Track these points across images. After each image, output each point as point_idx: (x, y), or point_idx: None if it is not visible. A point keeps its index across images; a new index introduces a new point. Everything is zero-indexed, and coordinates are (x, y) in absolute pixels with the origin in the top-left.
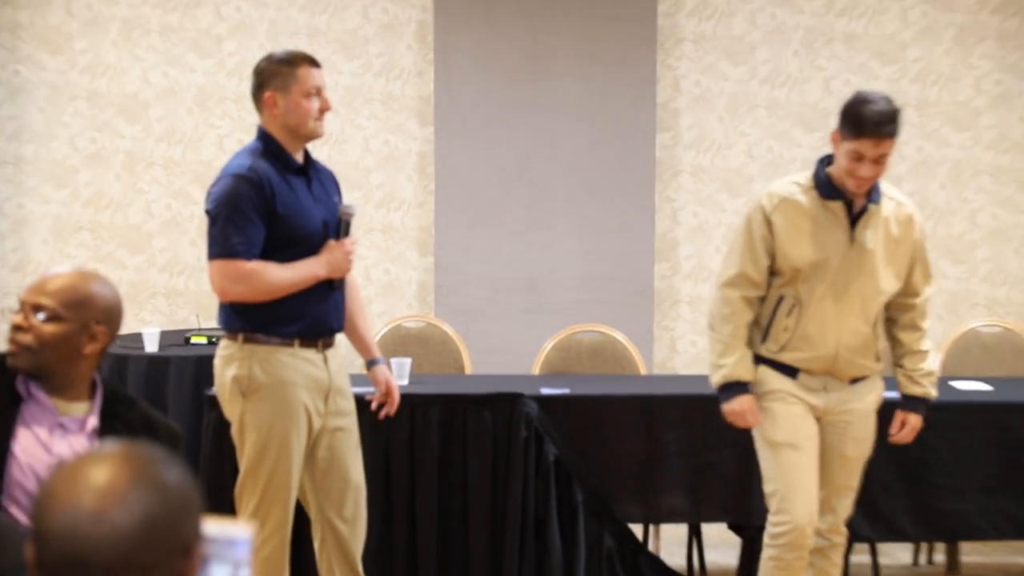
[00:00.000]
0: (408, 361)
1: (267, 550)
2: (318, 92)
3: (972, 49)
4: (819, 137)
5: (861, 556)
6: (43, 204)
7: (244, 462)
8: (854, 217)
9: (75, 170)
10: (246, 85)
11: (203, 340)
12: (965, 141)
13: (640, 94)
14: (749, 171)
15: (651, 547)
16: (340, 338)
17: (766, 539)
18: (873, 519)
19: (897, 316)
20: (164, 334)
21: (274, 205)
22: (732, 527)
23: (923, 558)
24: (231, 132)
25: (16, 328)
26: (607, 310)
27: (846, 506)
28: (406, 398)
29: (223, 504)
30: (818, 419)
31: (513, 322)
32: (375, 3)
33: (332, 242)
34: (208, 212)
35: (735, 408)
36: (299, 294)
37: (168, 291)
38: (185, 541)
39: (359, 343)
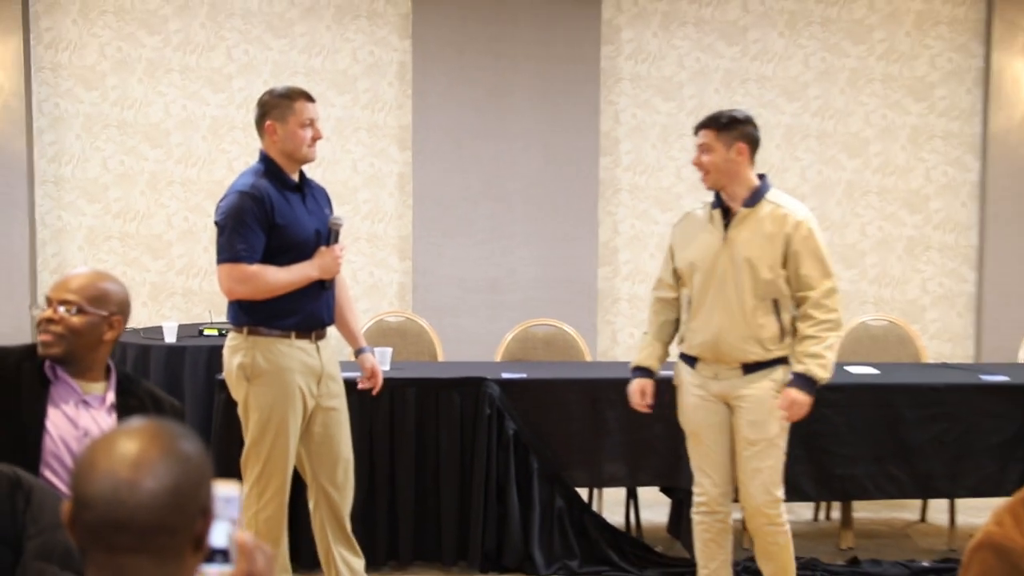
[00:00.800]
0: (389, 350)
1: (268, 511)
2: (311, 123)
3: (862, 89)
4: None
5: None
6: (79, 216)
7: (248, 437)
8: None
9: (106, 187)
10: (253, 116)
11: (215, 332)
12: (857, 166)
13: (586, 124)
14: (678, 190)
15: (595, 508)
16: (331, 330)
17: (692, 508)
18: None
19: (799, 308)
20: (181, 327)
21: (273, 217)
22: (663, 490)
23: (822, 515)
24: (239, 156)
25: (48, 321)
26: (558, 307)
27: (756, 487)
28: (387, 382)
29: (232, 472)
30: (727, 403)
31: (479, 317)
32: (363, 47)
33: (323, 248)
34: (217, 223)
35: (630, 389)
36: (295, 293)
37: (185, 291)
38: (204, 504)
39: (348, 334)
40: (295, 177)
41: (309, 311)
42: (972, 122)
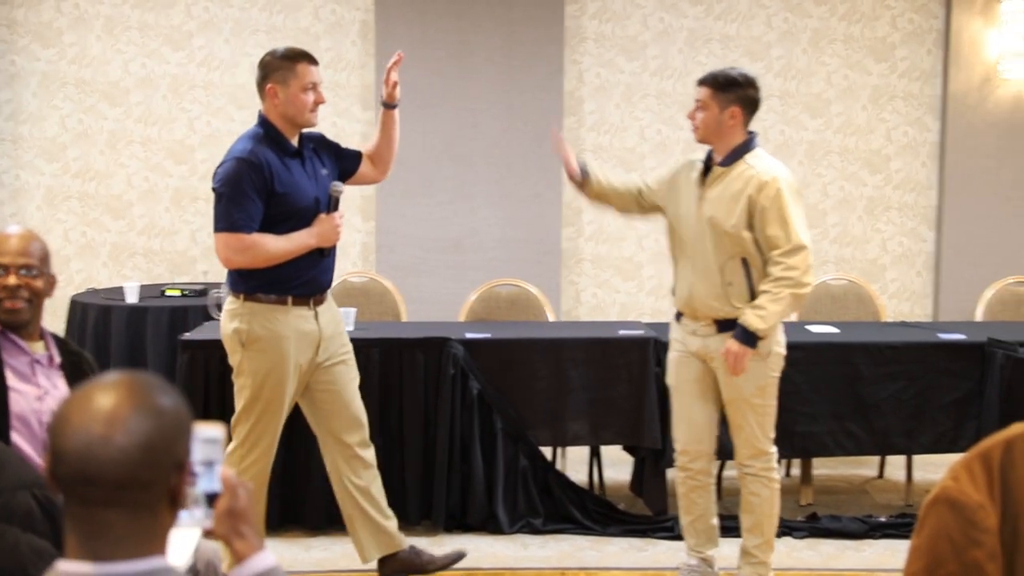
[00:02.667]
0: (353, 311)
1: (250, 474)
2: (314, 87)
3: (824, 49)
4: None
5: (731, 471)
6: (37, 176)
7: (239, 400)
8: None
9: (65, 147)
10: (214, 75)
11: (177, 293)
12: (819, 126)
13: (549, 84)
14: (641, 150)
15: (559, 466)
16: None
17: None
18: None
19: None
20: (143, 288)
21: (272, 185)
22: (626, 449)
23: (782, 472)
24: (200, 115)
25: (15, 287)
26: (522, 267)
27: (740, 442)
28: (352, 342)
29: None
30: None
31: (442, 277)
32: (324, 5)
33: (322, 216)
34: (214, 190)
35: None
36: (293, 260)
37: (146, 251)
38: (179, 458)
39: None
40: (295, 141)
41: (308, 278)
42: (932, 83)
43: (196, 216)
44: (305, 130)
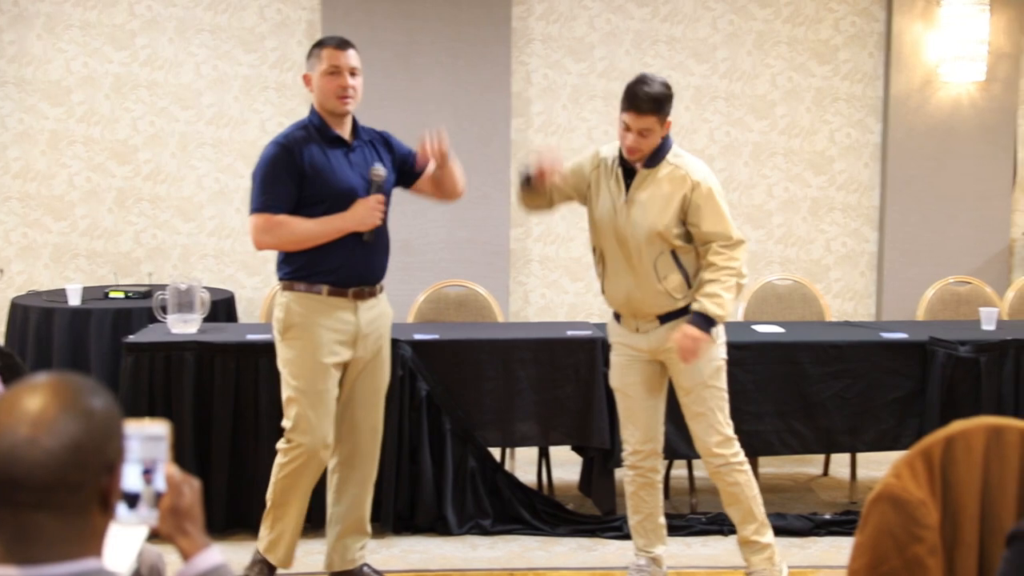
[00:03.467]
0: None
1: (285, 471)
2: (337, 71)
3: (768, 51)
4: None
5: (680, 471)
6: None
7: (283, 392)
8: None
9: (5, 147)
10: (158, 74)
11: (120, 295)
12: (764, 127)
13: (497, 85)
14: (588, 151)
15: (508, 467)
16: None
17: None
18: (688, 439)
19: (703, 258)
20: (86, 290)
21: (303, 167)
22: (575, 449)
23: None
24: (144, 115)
25: None
26: (470, 268)
27: (702, 429)
28: None
29: None
30: (658, 360)
31: (391, 278)
32: (270, 4)
33: (360, 199)
34: (252, 175)
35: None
36: (327, 247)
37: (89, 252)
38: (109, 460)
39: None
40: (341, 130)
41: (343, 268)
42: (874, 85)
43: (140, 217)
44: (375, 134)
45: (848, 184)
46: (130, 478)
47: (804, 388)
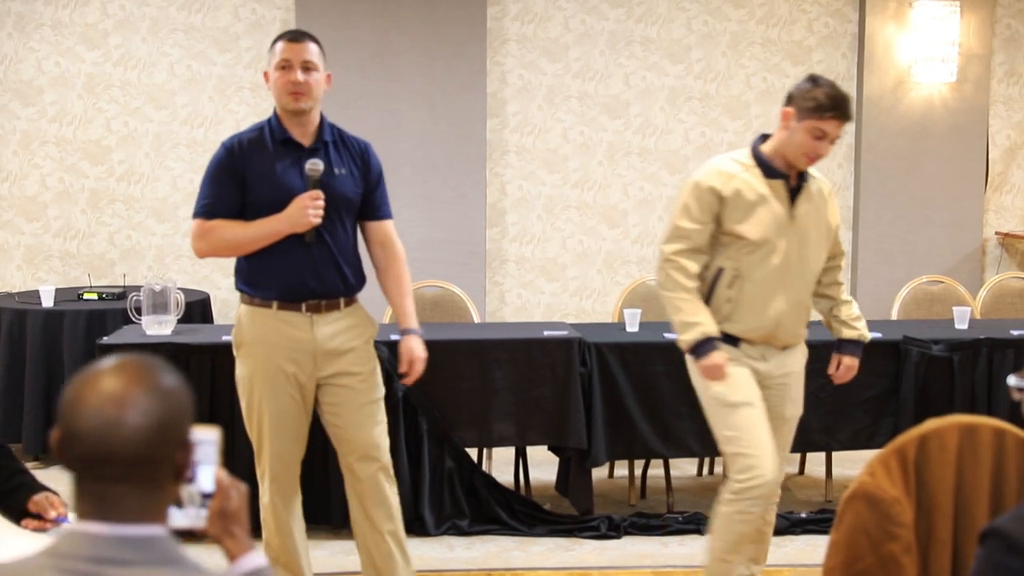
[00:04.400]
0: None
1: (266, 497)
2: (288, 65)
3: (743, 52)
4: (621, 123)
5: (657, 470)
6: None
7: (244, 414)
8: (792, 194)
9: None
10: (131, 73)
11: (94, 296)
12: (738, 127)
13: (473, 86)
14: (564, 151)
15: (485, 467)
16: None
17: (730, 495)
18: (666, 440)
19: (823, 277)
20: (59, 291)
21: (244, 171)
22: (552, 449)
23: (706, 470)
24: (117, 115)
25: None
26: (446, 268)
27: (780, 464)
28: None
29: None
30: (760, 384)
31: (367, 279)
32: (244, 3)
33: (296, 198)
34: None
35: (714, 362)
36: (270, 256)
37: (62, 254)
38: (184, 436)
39: (395, 309)
40: (299, 130)
41: (289, 277)
42: (847, 86)
43: (114, 218)
44: (352, 142)
45: None
46: (204, 479)
47: None
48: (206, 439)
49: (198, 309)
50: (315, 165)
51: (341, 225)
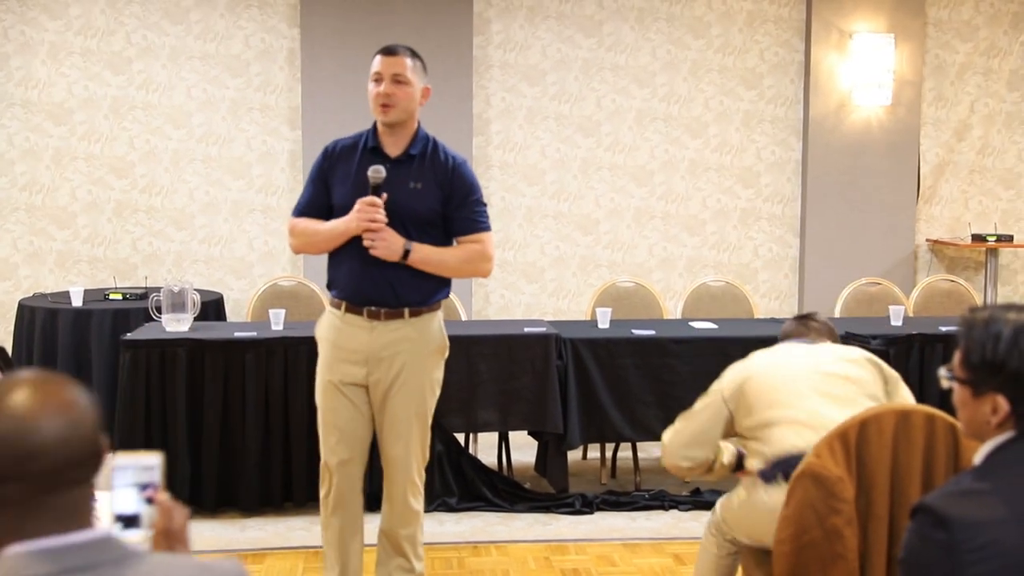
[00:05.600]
0: (283, 311)
1: (324, 489)
2: (378, 79)
3: (702, 78)
4: (593, 141)
5: (625, 453)
6: None
7: None
8: None
9: (12, 162)
10: (152, 96)
11: (119, 296)
12: (698, 145)
13: (460, 107)
14: (542, 166)
15: (471, 450)
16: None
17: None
18: (634, 425)
19: None
20: (87, 292)
21: (330, 175)
22: (531, 433)
23: None
24: (140, 133)
25: None
26: None
27: None
28: (282, 340)
29: (135, 433)
30: None
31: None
32: (254, 33)
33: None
34: None
35: None
36: (340, 259)
37: (90, 258)
38: (101, 444)
39: None
40: (390, 140)
41: (351, 285)
42: (795, 108)
43: (137, 226)
44: (442, 157)
45: (773, 196)
46: (124, 501)
47: None
48: (148, 464)
49: (212, 308)
50: (377, 172)
51: (406, 238)
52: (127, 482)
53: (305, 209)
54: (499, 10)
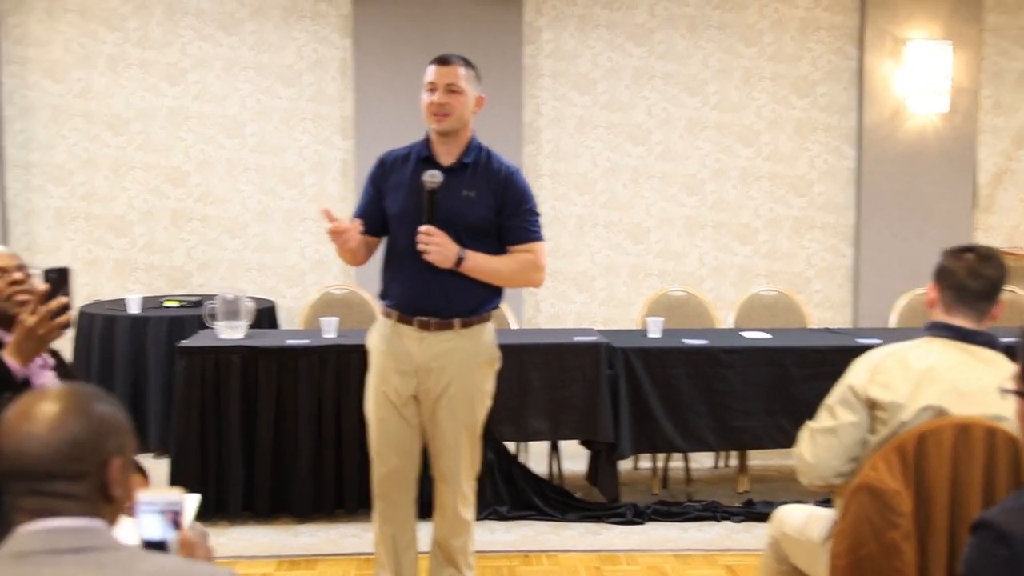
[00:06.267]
0: (335, 319)
1: (376, 498)
2: (432, 88)
3: (754, 86)
4: (644, 149)
5: (677, 463)
6: (47, 199)
7: None
8: None
9: (72, 172)
10: (208, 106)
11: (175, 304)
12: (750, 154)
13: (511, 116)
14: (592, 175)
15: (522, 459)
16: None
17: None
18: (686, 435)
19: None
20: (144, 299)
21: (382, 184)
22: (582, 443)
23: (722, 463)
24: (195, 143)
25: (20, 283)
26: None
27: None
28: (334, 348)
29: (190, 438)
30: None
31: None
32: (307, 44)
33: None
34: None
35: None
36: (393, 269)
37: (147, 266)
38: (106, 456)
39: None
40: (443, 150)
41: (402, 295)
42: (848, 116)
43: (192, 235)
44: (499, 168)
45: (826, 205)
46: (150, 527)
47: (789, 388)
48: (172, 500)
49: (266, 316)
50: (433, 176)
51: (459, 246)
52: (153, 510)
53: (363, 217)
54: (549, 19)
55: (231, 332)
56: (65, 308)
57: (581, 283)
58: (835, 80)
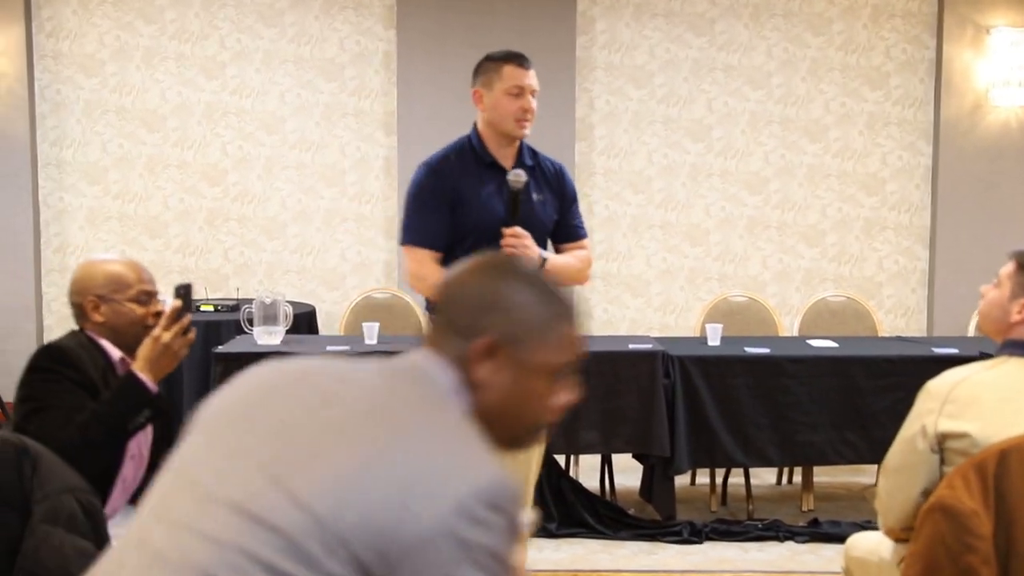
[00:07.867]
0: (376, 325)
1: None
2: (520, 92)
3: (822, 77)
4: (703, 146)
5: (737, 479)
6: (79, 197)
7: None
8: None
9: (106, 170)
10: (246, 101)
11: (210, 308)
12: (817, 150)
13: (562, 111)
14: (648, 173)
15: (572, 473)
16: None
17: None
18: (746, 449)
19: None
20: None
21: (452, 195)
22: (636, 456)
23: (785, 479)
24: (233, 140)
25: (161, 313)
26: None
27: None
28: (375, 355)
29: None
30: None
31: None
32: (349, 36)
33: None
34: (404, 202)
35: None
36: None
37: (182, 269)
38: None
39: None
40: (502, 153)
41: None
42: (925, 110)
43: (228, 236)
44: (548, 165)
45: (900, 204)
46: None
47: (857, 401)
48: None
49: (304, 321)
50: (518, 176)
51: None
52: None
53: (435, 240)
54: (604, 8)
55: (268, 338)
56: (192, 324)
57: (636, 287)
58: (910, 71)
